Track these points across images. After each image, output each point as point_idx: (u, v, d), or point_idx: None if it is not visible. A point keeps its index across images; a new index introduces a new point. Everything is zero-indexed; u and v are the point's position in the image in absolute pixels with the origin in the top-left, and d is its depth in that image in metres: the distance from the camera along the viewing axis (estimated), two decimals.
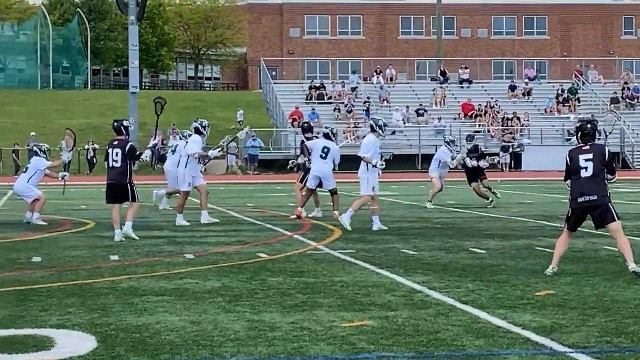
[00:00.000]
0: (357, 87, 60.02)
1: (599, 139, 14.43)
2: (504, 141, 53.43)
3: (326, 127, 22.01)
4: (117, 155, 15.71)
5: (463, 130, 50.53)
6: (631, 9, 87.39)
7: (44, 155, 20.24)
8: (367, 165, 17.61)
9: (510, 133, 55.11)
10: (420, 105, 57.79)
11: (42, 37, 77.97)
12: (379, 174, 17.85)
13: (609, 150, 11.57)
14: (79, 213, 22.39)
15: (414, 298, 9.92)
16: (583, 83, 62.64)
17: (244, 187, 25.70)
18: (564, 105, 59.23)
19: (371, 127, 18.01)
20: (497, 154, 24.04)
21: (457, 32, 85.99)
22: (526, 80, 62.72)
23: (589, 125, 11.52)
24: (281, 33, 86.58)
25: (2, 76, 79.01)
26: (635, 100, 60.24)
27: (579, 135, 11.58)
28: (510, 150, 50.18)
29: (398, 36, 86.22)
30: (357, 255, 13.55)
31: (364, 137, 18.80)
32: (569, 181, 11.53)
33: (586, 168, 11.29)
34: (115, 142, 15.88)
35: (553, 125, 56.67)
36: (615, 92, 60.48)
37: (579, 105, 59.52)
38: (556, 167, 49.89)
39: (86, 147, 50.39)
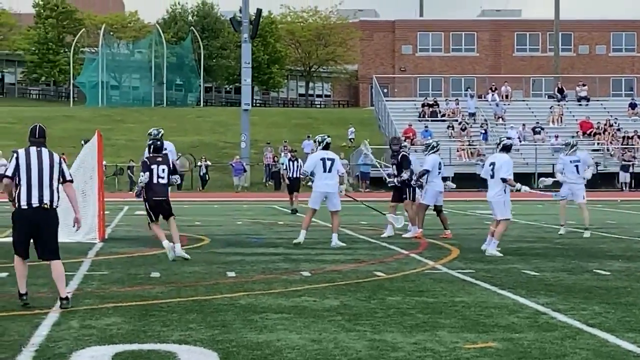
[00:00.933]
0: (475, 113, 59.05)
1: None
2: (624, 160, 52.30)
3: (431, 140, 21.65)
4: (163, 171, 15.72)
5: (582, 149, 49.62)
6: None
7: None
8: (506, 187, 16.59)
9: (631, 152, 53.89)
10: (537, 123, 57.01)
11: (156, 56, 79.30)
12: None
13: None
14: (193, 229, 22.52)
15: (539, 320, 9.66)
16: None
17: (356, 205, 25.48)
18: None
19: (508, 147, 17.01)
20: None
21: (574, 49, 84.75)
22: None
23: None
24: (393, 50, 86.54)
25: (118, 94, 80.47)
26: None
27: None
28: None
29: (513, 53, 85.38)
30: (477, 276, 13.30)
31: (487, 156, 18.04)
32: None
33: None
34: (160, 159, 15.84)
35: None
36: None
37: None
38: None
39: (199, 163, 50.90)
